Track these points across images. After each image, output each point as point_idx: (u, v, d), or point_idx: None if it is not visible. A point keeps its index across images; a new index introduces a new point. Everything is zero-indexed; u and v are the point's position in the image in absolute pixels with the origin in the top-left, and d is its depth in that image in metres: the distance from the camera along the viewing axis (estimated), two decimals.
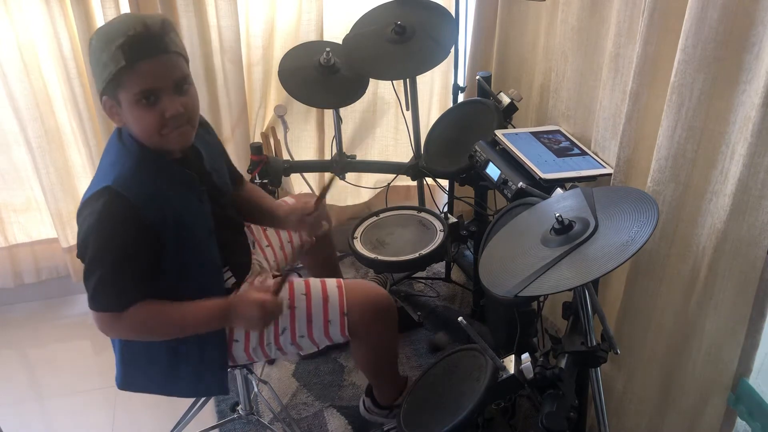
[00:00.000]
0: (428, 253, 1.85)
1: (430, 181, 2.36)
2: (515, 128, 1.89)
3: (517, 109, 1.91)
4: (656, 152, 1.34)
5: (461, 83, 2.26)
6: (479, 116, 1.96)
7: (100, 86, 1.23)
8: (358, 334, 1.49)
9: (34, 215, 2.33)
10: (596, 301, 1.24)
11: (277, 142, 2.31)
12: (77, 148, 2.22)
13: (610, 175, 1.56)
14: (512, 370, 1.24)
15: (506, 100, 1.90)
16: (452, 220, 1.98)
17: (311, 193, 2.34)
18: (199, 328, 1.35)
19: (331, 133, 2.33)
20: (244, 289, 1.47)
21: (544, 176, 1.55)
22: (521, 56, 2.11)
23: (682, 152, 1.29)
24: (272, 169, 2.11)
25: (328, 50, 2.06)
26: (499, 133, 1.78)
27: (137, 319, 1.29)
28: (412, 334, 2.18)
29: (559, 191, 1.44)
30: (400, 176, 2.28)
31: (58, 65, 2.05)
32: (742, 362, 1.34)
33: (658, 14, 1.30)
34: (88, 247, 1.24)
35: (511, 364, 1.25)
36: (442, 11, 2.07)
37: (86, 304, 1.29)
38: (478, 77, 2.02)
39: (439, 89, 2.53)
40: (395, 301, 2.25)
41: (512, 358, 1.26)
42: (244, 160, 2.28)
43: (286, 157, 2.20)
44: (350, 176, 2.29)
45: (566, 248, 1.11)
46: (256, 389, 1.83)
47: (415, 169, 2.20)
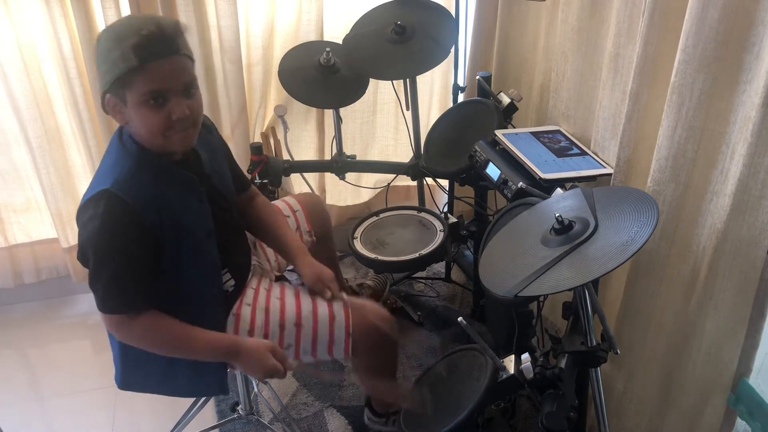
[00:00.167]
0: (428, 253, 1.85)
1: (430, 181, 2.36)
2: (515, 128, 1.89)
3: (517, 109, 1.91)
4: (656, 152, 1.34)
5: (461, 83, 2.26)
6: (479, 116, 1.96)
7: (105, 84, 1.22)
8: (360, 354, 1.49)
9: (34, 215, 2.33)
10: (596, 301, 1.25)
11: (277, 142, 2.31)
12: (77, 148, 2.22)
13: (610, 175, 1.56)
14: (512, 370, 1.24)
15: (506, 100, 1.90)
16: (452, 220, 1.98)
17: (312, 193, 2.34)
18: (202, 354, 1.35)
19: (331, 133, 2.33)
20: (246, 310, 1.46)
21: (544, 176, 1.55)
22: (521, 56, 2.11)
23: (682, 152, 1.29)
24: (272, 169, 2.11)
25: (328, 50, 2.06)
26: (499, 133, 1.78)
27: (148, 326, 1.30)
28: (412, 334, 2.18)
29: (559, 191, 1.44)
30: (400, 176, 2.28)
31: (58, 65, 2.05)
32: (742, 362, 1.34)
33: (658, 14, 1.30)
34: (91, 251, 1.24)
35: (511, 364, 1.25)
36: (442, 11, 2.07)
37: (86, 304, 1.30)
38: (478, 77, 2.02)
39: (439, 89, 2.53)
40: (395, 301, 2.25)
41: (512, 358, 1.26)
42: (244, 160, 2.28)
43: (286, 157, 2.20)
44: (350, 176, 2.29)
45: (566, 248, 1.11)
46: (256, 389, 1.83)
47: (415, 169, 2.20)
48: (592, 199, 1.21)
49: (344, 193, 2.64)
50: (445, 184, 2.38)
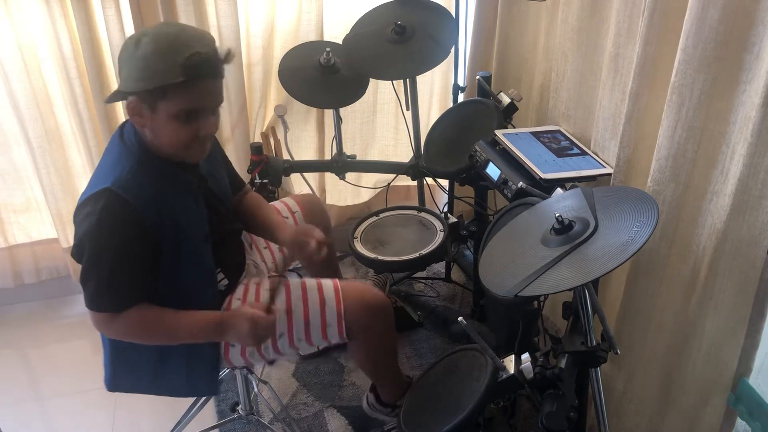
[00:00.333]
0: (428, 253, 1.85)
1: (430, 181, 2.36)
2: (515, 128, 1.89)
3: (517, 109, 1.91)
4: (656, 152, 1.34)
5: (461, 83, 2.26)
6: (479, 116, 1.96)
7: (134, 87, 1.21)
8: (356, 335, 1.49)
9: (34, 215, 2.33)
10: (596, 301, 1.24)
11: (277, 142, 2.31)
12: (77, 148, 2.22)
13: (610, 175, 1.56)
14: (512, 370, 1.24)
15: (506, 100, 1.90)
16: (452, 220, 1.98)
17: (310, 194, 2.34)
18: (191, 338, 1.36)
19: (331, 133, 2.33)
20: (237, 305, 1.46)
21: (544, 176, 1.55)
22: (521, 56, 2.11)
23: (682, 152, 1.29)
24: (272, 169, 2.10)
25: (328, 50, 2.06)
26: (499, 133, 1.78)
27: (133, 321, 1.30)
28: (412, 334, 2.18)
29: (559, 191, 1.44)
30: (400, 176, 2.28)
31: (58, 65, 2.05)
32: (742, 362, 1.34)
33: (658, 14, 1.30)
34: (85, 247, 1.24)
35: (511, 364, 1.25)
36: (442, 11, 2.07)
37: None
38: (478, 77, 2.02)
39: (439, 89, 2.53)
40: (395, 301, 2.25)
41: (512, 358, 1.26)
42: (244, 160, 2.28)
43: (286, 157, 2.20)
44: (350, 176, 2.29)
45: (566, 248, 1.11)
46: (256, 389, 1.83)
47: (415, 169, 2.20)
48: (592, 199, 1.21)
49: (344, 193, 2.64)
50: (445, 184, 2.38)
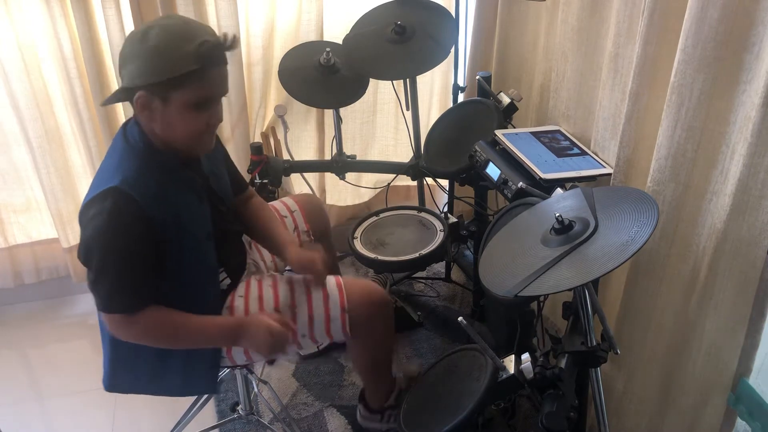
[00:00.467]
0: (428, 253, 1.85)
1: (430, 181, 2.36)
2: (515, 128, 1.89)
3: (517, 109, 1.91)
4: (656, 152, 1.34)
5: (461, 83, 2.26)
6: (479, 116, 1.96)
7: (145, 81, 1.20)
8: (359, 331, 1.49)
9: (34, 215, 2.33)
10: (596, 301, 1.25)
11: (277, 142, 2.31)
12: (77, 148, 2.22)
13: (610, 175, 1.56)
14: (512, 370, 1.24)
15: (506, 100, 1.90)
16: (452, 220, 1.98)
17: (310, 193, 2.34)
18: (207, 341, 1.37)
19: (331, 133, 2.33)
20: (239, 302, 1.46)
21: (544, 176, 1.55)
22: (521, 56, 2.11)
23: (682, 152, 1.29)
24: (272, 169, 2.11)
25: (328, 50, 2.06)
26: (499, 133, 1.78)
27: (151, 322, 1.30)
28: (412, 334, 2.18)
29: (559, 191, 1.44)
30: (400, 176, 2.28)
31: (58, 65, 2.05)
32: (742, 362, 1.34)
33: (658, 14, 1.30)
34: (94, 248, 1.24)
35: (511, 364, 1.25)
36: (442, 11, 2.07)
37: (86, 304, 1.30)
38: (478, 77, 2.02)
39: (439, 89, 2.53)
40: (395, 301, 2.25)
41: (512, 358, 1.26)
42: (244, 160, 2.28)
43: (286, 157, 2.20)
44: (350, 176, 2.29)
45: (566, 248, 1.11)
46: (256, 389, 1.83)
47: (415, 169, 2.20)
48: (592, 199, 1.21)
49: (344, 193, 2.64)
50: (445, 184, 2.38)
